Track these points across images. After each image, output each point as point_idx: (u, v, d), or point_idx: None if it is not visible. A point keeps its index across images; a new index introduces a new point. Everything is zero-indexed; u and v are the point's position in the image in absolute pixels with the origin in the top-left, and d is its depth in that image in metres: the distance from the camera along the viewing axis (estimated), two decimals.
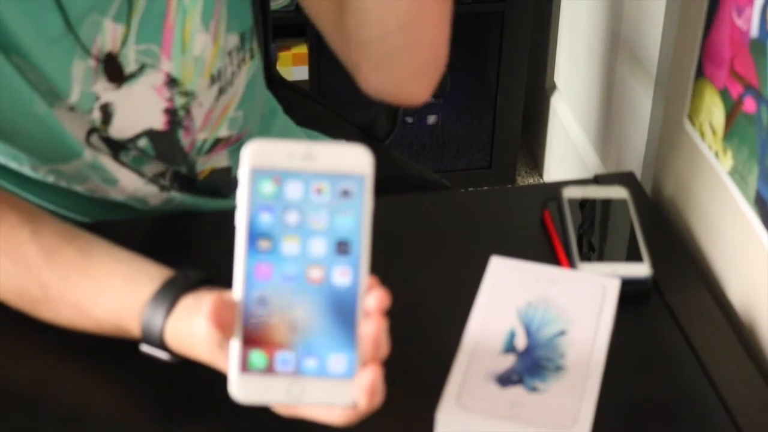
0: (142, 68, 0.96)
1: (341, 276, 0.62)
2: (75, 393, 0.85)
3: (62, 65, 0.91)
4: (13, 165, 1.00)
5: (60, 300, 0.84)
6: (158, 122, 0.99)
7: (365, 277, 0.62)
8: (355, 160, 0.62)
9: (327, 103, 1.51)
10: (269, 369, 0.62)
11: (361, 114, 1.46)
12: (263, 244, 0.62)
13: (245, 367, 0.62)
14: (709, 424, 0.85)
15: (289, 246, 0.62)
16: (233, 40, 1.03)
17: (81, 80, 0.92)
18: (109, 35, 0.92)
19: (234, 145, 1.10)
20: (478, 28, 2.08)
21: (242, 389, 0.62)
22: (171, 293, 0.80)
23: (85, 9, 0.90)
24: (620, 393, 0.84)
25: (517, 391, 0.76)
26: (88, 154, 0.98)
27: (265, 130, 1.16)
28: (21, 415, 0.83)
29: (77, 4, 0.89)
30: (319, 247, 0.62)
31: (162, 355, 0.80)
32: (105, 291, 0.83)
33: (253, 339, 0.62)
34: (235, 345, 0.62)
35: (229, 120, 1.06)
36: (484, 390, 0.76)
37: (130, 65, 0.95)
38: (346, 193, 0.62)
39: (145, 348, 0.80)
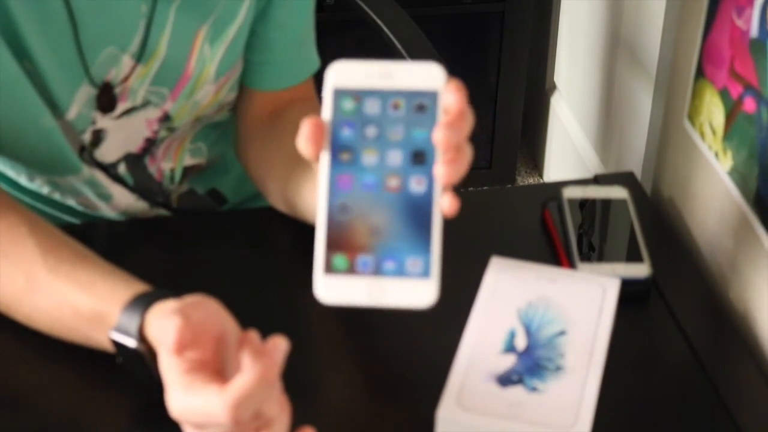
0: (145, 104, 0.97)
1: (417, 184, 0.65)
2: (74, 394, 0.85)
3: (68, 87, 0.92)
4: (10, 173, 1.00)
5: (44, 290, 0.83)
6: (136, 147, 1.00)
7: (439, 186, 0.65)
8: (429, 76, 0.66)
9: None
10: (350, 270, 0.65)
11: None
12: (344, 156, 0.66)
13: (329, 268, 0.65)
14: (709, 424, 0.85)
15: (369, 157, 0.66)
16: (232, 96, 1.03)
17: (82, 103, 0.93)
18: (124, 70, 0.93)
19: (204, 171, 1.11)
20: (478, 28, 2.08)
21: (325, 289, 0.65)
22: (164, 292, 0.80)
23: (102, 40, 0.90)
24: (620, 393, 0.84)
25: (517, 391, 0.76)
26: (86, 170, 0.99)
27: None
28: (21, 415, 0.83)
29: (93, 32, 0.89)
30: (396, 157, 0.66)
31: (130, 342, 0.78)
32: (98, 281, 0.82)
33: (335, 243, 0.65)
34: (320, 248, 0.65)
35: (189, 150, 1.07)
36: (484, 390, 0.76)
37: (135, 101, 0.96)
38: (420, 108, 0.66)
39: (115, 335, 0.78)
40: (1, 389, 0.85)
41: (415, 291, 0.65)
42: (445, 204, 0.65)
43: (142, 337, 0.78)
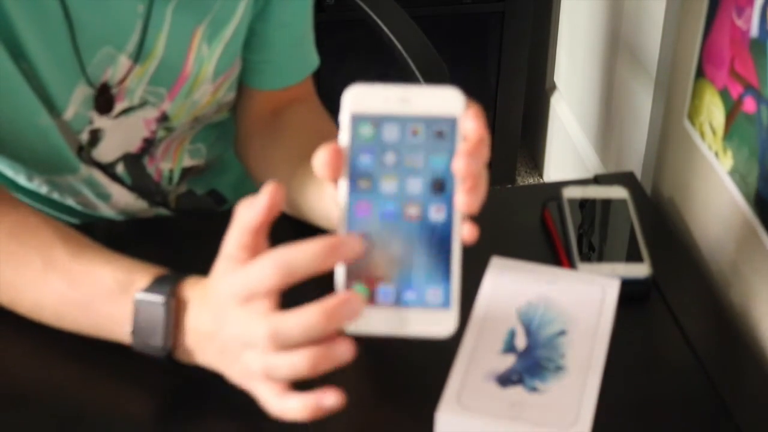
0: (143, 104, 0.96)
1: (436, 213, 0.65)
2: (75, 393, 0.85)
3: (65, 87, 0.92)
4: (9, 173, 1.00)
5: (61, 270, 0.81)
6: (134, 147, 1.00)
7: (459, 214, 0.65)
8: (447, 102, 0.65)
9: (327, 105, 1.51)
10: (371, 301, 0.65)
11: None
12: (363, 184, 0.65)
13: None
14: (709, 424, 0.85)
15: (388, 185, 0.65)
16: (231, 96, 1.03)
17: (79, 103, 0.93)
18: (121, 70, 0.93)
19: (202, 173, 1.10)
20: (478, 28, 2.08)
21: None
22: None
23: (98, 40, 0.90)
24: (620, 393, 0.84)
25: (517, 391, 0.76)
26: (84, 169, 0.99)
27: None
28: (21, 415, 0.83)
29: (89, 32, 0.89)
30: (416, 185, 0.65)
31: (158, 299, 0.76)
32: (124, 258, 0.81)
33: (355, 273, 0.65)
34: (340, 278, 0.65)
35: (188, 151, 1.07)
36: (484, 390, 0.76)
37: (133, 100, 0.96)
38: (439, 134, 0.65)
39: (140, 296, 0.77)
40: (2, 388, 0.85)
41: (436, 321, 0.65)
42: (465, 233, 0.65)
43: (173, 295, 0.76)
